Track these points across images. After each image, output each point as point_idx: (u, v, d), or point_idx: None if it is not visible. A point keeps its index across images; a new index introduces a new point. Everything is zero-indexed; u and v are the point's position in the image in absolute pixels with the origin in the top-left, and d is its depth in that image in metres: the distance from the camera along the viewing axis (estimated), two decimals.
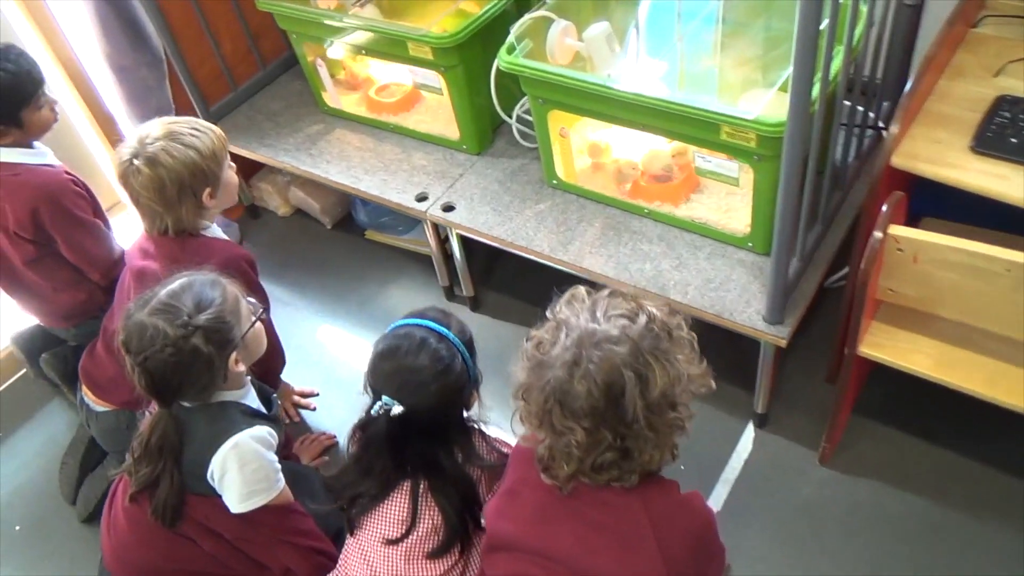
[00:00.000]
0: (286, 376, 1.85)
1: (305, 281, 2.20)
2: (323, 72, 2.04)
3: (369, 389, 1.24)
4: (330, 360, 1.99)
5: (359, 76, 2.16)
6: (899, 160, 1.33)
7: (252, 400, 1.34)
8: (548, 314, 1.09)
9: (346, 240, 2.30)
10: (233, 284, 1.28)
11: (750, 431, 1.69)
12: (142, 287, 1.49)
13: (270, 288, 2.17)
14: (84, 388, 1.66)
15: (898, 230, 1.22)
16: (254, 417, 1.30)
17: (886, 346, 1.39)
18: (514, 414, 1.06)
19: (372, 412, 1.19)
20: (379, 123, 2.06)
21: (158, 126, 1.48)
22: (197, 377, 1.19)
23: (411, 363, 1.19)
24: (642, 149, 1.70)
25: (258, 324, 1.31)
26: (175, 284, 1.22)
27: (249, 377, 1.37)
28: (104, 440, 1.69)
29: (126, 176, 1.43)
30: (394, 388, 1.19)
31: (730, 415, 1.72)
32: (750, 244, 1.57)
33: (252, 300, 1.32)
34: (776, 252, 1.34)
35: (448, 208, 1.81)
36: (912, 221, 1.48)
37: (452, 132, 1.94)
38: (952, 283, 1.25)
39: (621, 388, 0.95)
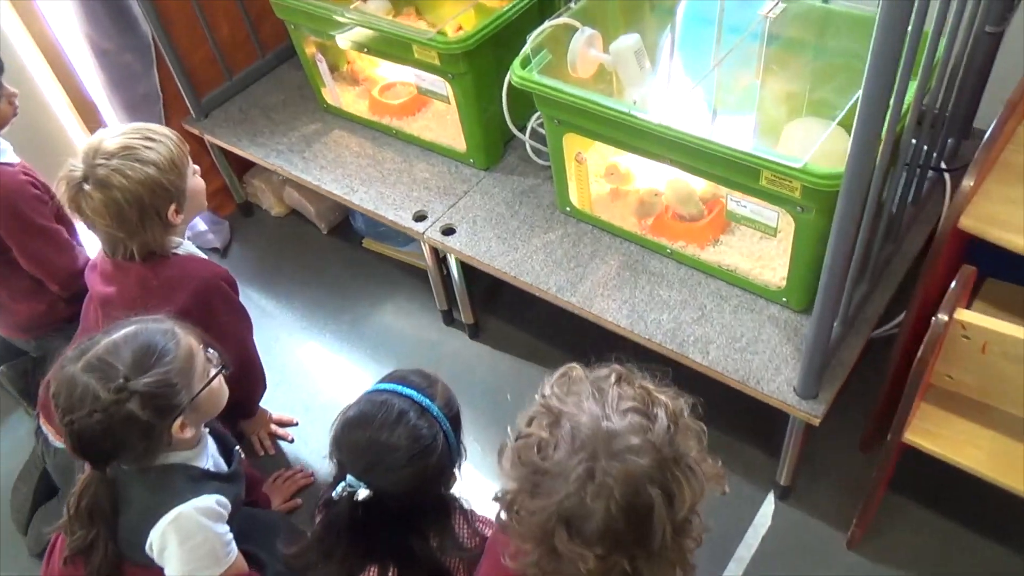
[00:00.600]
0: (263, 400, 1.69)
1: (293, 291, 2.03)
2: (323, 68, 1.86)
3: (334, 460, 1.07)
4: (313, 384, 1.83)
5: (363, 72, 1.98)
6: (970, 223, 1.14)
7: (206, 458, 1.18)
8: (539, 399, 0.92)
9: (341, 247, 2.12)
10: (191, 334, 1.11)
11: (770, 502, 1.51)
12: (110, 319, 1.34)
13: (254, 297, 2.02)
14: (42, 419, 1.50)
15: (968, 316, 1.03)
16: (205, 481, 1.14)
17: (936, 435, 1.20)
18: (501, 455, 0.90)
19: (334, 495, 1.02)
20: (381, 127, 1.88)
21: (108, 139, 1.29)
22: (131, 446, 1.03)
23: (385, 439, 1.02)
24: (668, 180, 1.51)
25: (218, 379, 1.14)
26: (119, 334, 1.06)
27: (207, 429, 1.21)
28: (58, 477, 1.54)
29: (76, 201, 1.26)
30: (362, 467, 1.02)
31: (749, 481, 1.54)
32: (784, 299, 1.38)
33: (213, 350, 1.15)
34: (818, 319, 1.15)
35: (448, 231, 1.63)
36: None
37: (459, 143, 1.75)
38: (1021, 376, 1.06)
39: (648, 508, 0.78)
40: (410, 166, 1.79)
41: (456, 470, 1.09)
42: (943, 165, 1.51)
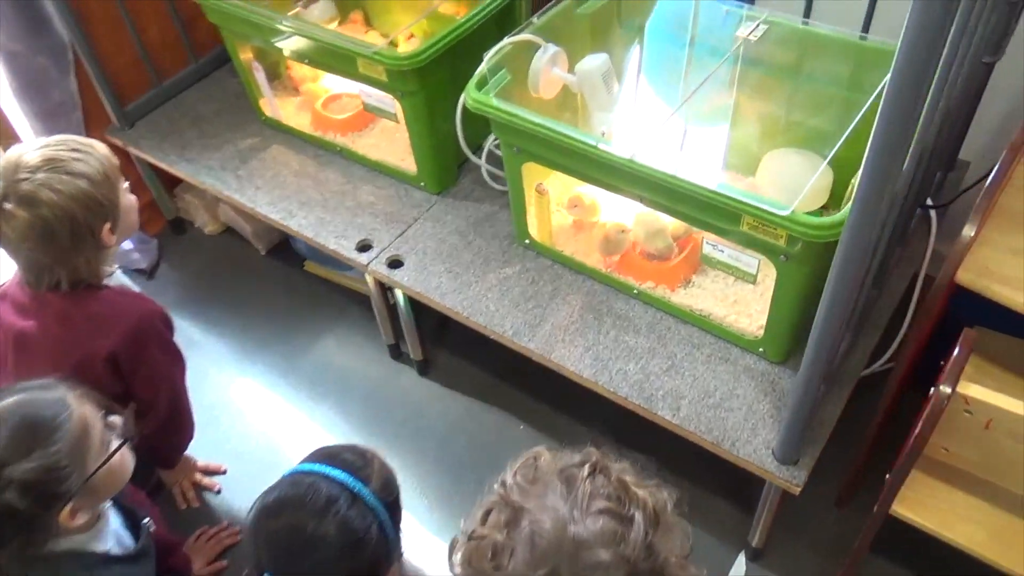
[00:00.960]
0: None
1: (226, 319, 1.86)
2: (260, 77, 1.69)
3: (250, 551, 0.92)
4: (244, 426, 1.66)
5: (305, 81, 1.81)
6: (969, 277, 1.03)
7: (106, 539, 1.01)
8: (499, 489, 0.78)
9: (281, 270, 1.96)
10: (87, 401, 0.95)
11: (741, 563, 1.40)
12: (27, 363, 1.17)
13: (182, 326, 1.83)
14: None
15: (974, 391, 0.92)
16: (103, 567, 0.98)
17: (928, 507, 1.10)
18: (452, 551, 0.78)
19: None
20: (324, 143, 1.72)
21: (28, 153, 1.14)
22: (6, 540, 0.87)
23: (311, 531, 0.87)
24: (636, 213, 1.38)
25: (121, 453, 0.98)
26: None
27: (109, 504, 1.04)
28: None
29: None
30: (282, 563, 0.87)
31: (718, 539, 1.42)
32: (762, 349, 1.26)
33: (116, 418, 0.99)
34: (804, 382, 1.03)
35: (395, 263, 1.48)
36: (953, 326, 1.19)
37: (409, 165, 1.60)
38: None
39: None
40: (355, 188, 1.63)
41: (393, 566, 0.95)
42: (929, 201, 1.41)
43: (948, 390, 0.92)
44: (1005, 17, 1.20)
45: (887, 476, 1.17)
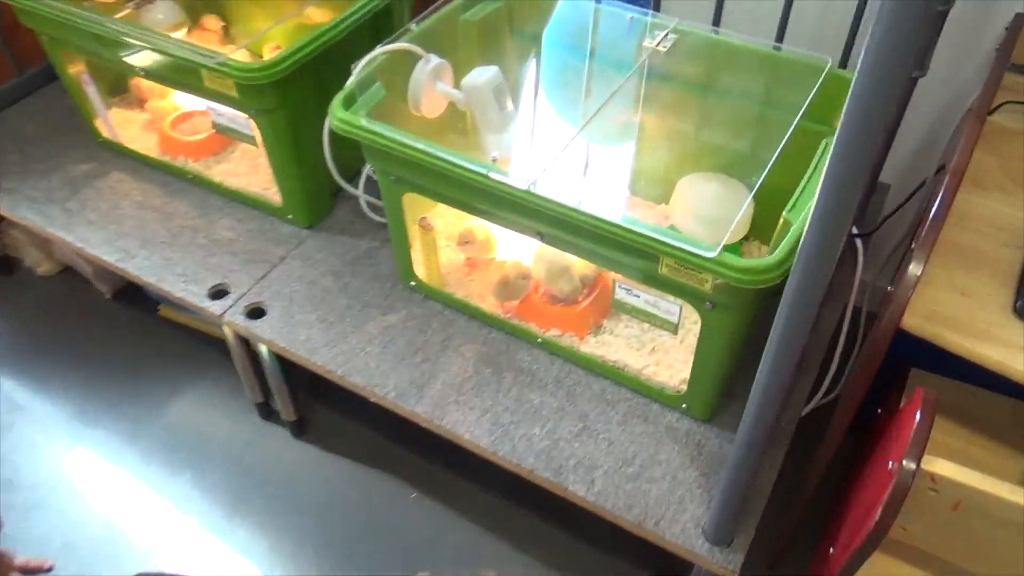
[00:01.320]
0: (7, 535, 1.25)
1: (62, 376, 1.57)
2: (92, 92, 1.43)
3: None
4: (80, 510, 1.38)
5: (152, 94, 1.56)
6: (916, 322, 0.89)
7: None
8: None
9: (130, 316, 1.68)
10: None
11: None
12: None
13: (5, 387, 1.55)
14: None
15: (942, 467, 0.77)
16: None
17: None
18: None
19: None
20: (174, 169, 1.47)
21: None
22: None
23: None
24: (537, 249, 1.20)
25: None
26: None
27: None
28: None
29: None
30: None
31: None
32: (685, 406, 1.10)
33: None
34: (742, 459, 0.86)
35: (256, 312, 1.25)
36: (892, 367, 1.07)
37: (274, 194, 1.37)
38: (1000, 540, 0.81)
39: None
40: (210, 223, 1.39)
41: None
42: (855, 231, 1.29)
43: (912, 466, 0.76)
44: (930, 29, 1.08)
45: (830, 549, 1.02)
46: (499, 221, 1.06)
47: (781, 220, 0.92)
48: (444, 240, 1.31)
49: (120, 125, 1.53)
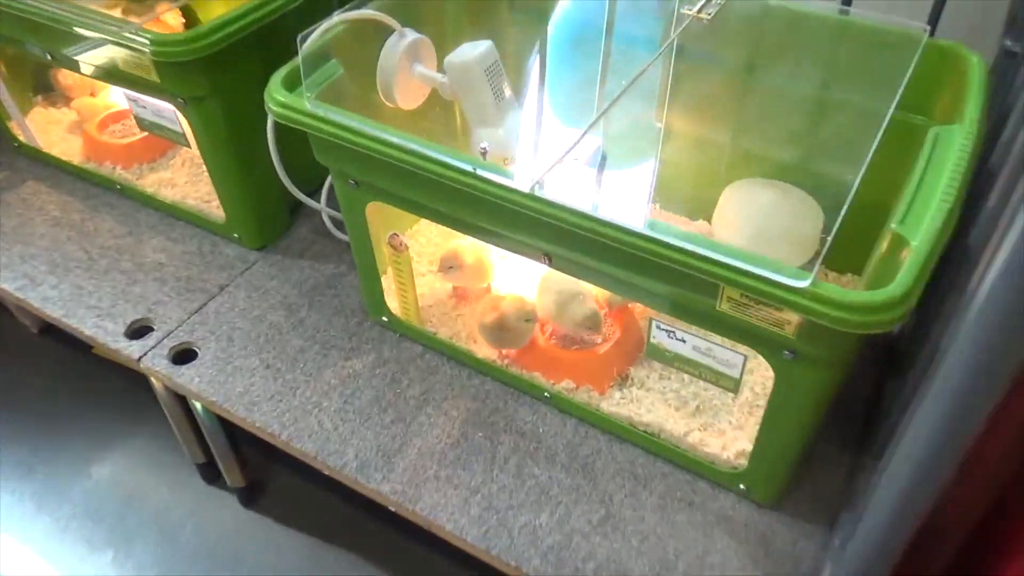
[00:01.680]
0: None
1: None
2: (1, 90, 1.17)
3: None
4: None
5: (77, 89, 1.30)
6: None
7: None
8: None
9: (60, 356, 1.41)
10: None
11: None
12: None
13: None
14: None
15: None
16: None
17: None
18: None
19: None
20: (100, 178, 1.21)
21: None
22: None
23: None
24: (544, 275, 0.93)
25: None
26: None
27: None
28: None
29: None
30: None
31: None
32: (743, 486, 0.82)
33: None
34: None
35: (184, 356, 0.98)
36: None
37: (216, 207, 1.11)
38: None
39: None
40: (138, 243, 1.13)
41: None
42: None
43: None
44: None
45: None
46: (493, 239, 0.79)
47: (888, 236, 0.64)
48: (426, 264, 1.04)
49: (43, 127, 1.28)
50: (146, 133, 1.19)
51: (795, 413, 0.71)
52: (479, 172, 0.69)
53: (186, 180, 1.19)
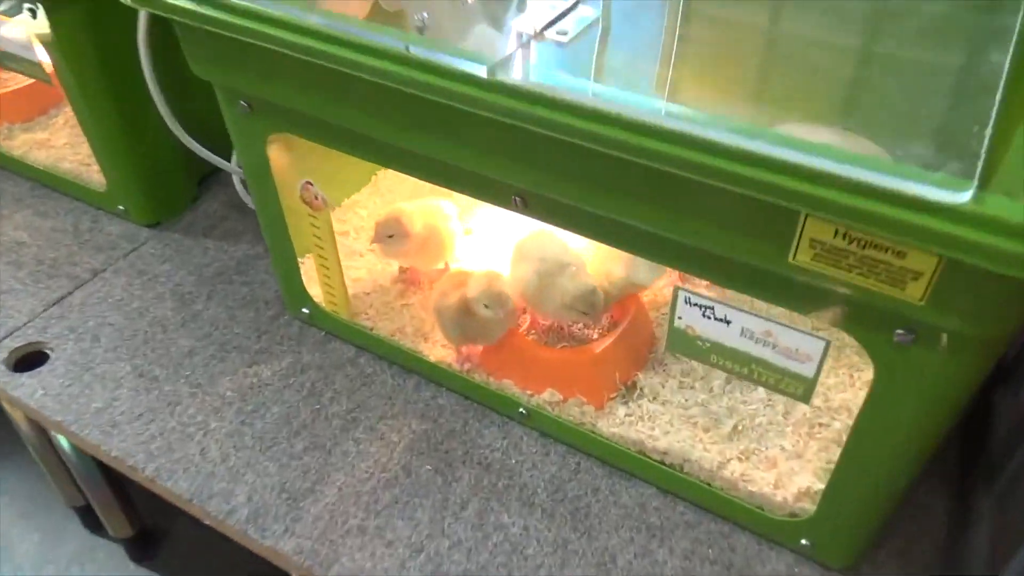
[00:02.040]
0: None
1: None
2: None
3: None
4: None
5: None
6: None
7: None
8: None
9: None
10: None
11: None
12: None
13: None
14: None
15: None
16: None
17: None
18: None
19: None
20: None
21: None
22: None
23: None
24: (519, 243, 0.68)
25: None
26: None
27: None
28: None
29: None
30: None
31: None
32: (806, 542, 0.56)
33: None
34: None
35: (29, 360, 0.72)
36: None
37: (97, 172, 0.86)
38: None
39: None
40: None
41: None
42: None
43: None
44: None
45: None
46: (442, 178, 0.54)
47: None
48: (366, 242, 0.79)
49: None
50: (19, 86, 0.95)
51: (904, 430, 0.46)
52: (413, 52, 0.44)
53: (65, 142, 0.93)
